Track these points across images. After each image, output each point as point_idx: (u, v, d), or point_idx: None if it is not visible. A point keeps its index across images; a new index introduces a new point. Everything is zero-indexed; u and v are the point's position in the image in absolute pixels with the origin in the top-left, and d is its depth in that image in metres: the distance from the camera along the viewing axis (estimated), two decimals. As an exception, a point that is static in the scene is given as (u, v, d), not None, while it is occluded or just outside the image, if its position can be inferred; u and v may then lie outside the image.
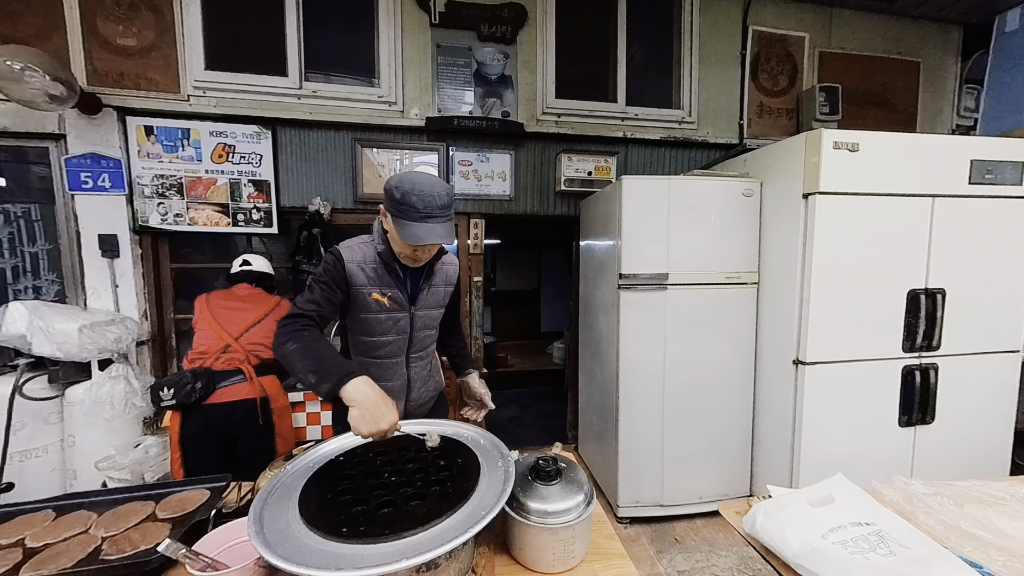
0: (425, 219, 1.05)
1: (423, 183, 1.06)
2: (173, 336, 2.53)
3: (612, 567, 0.87)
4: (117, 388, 2.01)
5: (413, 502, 0.81)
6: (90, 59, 2.20)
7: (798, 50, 3.03)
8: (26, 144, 2.22)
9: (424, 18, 2.52)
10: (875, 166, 1.87)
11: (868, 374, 1.96)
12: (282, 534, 0.74)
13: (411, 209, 1.05)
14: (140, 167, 2.30)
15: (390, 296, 1.20)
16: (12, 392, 1.89)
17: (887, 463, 1.99)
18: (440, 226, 1.08)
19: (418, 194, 1.04)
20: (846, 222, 1.88)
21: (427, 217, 1.05)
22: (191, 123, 2.33)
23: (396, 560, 0.65)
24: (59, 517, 0.96)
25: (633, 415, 2.20)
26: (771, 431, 2.16)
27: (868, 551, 0.78)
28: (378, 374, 1.27)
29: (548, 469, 0.91)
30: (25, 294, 2.28)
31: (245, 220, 2.42)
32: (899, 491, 1.01)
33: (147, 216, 2.32)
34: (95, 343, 1.99)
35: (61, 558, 0.82)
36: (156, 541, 0.86)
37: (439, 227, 1.07)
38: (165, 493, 1.05)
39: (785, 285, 2.03)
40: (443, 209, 1.07)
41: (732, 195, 2.16)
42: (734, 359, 2.23)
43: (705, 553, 2.04)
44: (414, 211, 1.05)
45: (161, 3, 2.24)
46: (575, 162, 2.72)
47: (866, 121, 3.15)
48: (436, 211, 1.06)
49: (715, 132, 2.95)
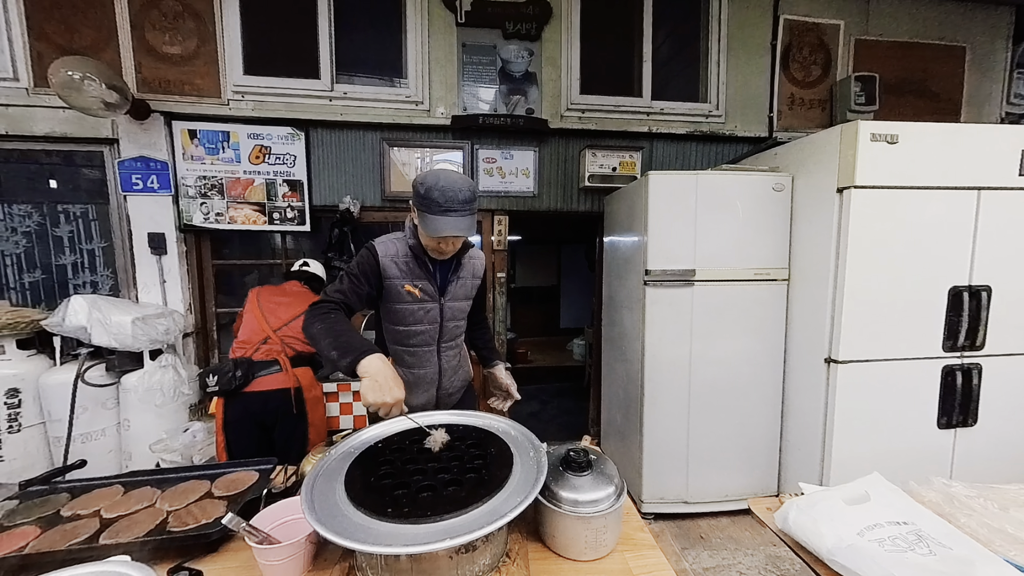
0: (446, 212, 1.11)
1: (446, 179, 1.12)
2: (215, 328, 2.68)
3: (642, 557, 0.89)
4: (167, 376, 2.15)
5: (451, 487, 0.85)
6: (140, 67, 2.34)
7: (832, 38, 2.92)
8: (84, 149, 2.39)
9: (450, 18, 2.55)
10: (916, 158, 1.80)
11: (905, 374, 1.89)
12: (331, 512, 0.79)
13: (433, 203, 1.11)
14: (185, 169, 2.43)
15: (421, 287, 1.27)
16: (76, 378, 2.05)
17: (924, 466, 1.93)
18: (461, 219, 1.13)
19: (440, 189, 1.10)
20: (883, 217, 1.82)
21: (448, 211, 1.11)
22: (230, 126, 2.45)
23: (439, 540, 0.69)
24: (128, 492, 1.05)
25: (658, 412, 2.20)
26: (800, 430, 2.12)
27: (906, 550, 0.77)
28: (412, 362, 1.34)
29: (580, 460, 0.94)
30: (84, 288, 2.46)
31: (280, 219, 2.53)
32: (938, 492, 0.99)
33: (191, 215, 2.46)
34: (146, 334, 2.13)
35: (134, 528, 0.90)
36: (214, 516, 0.93)
37: (460, 220, 1.13)
38: (219, 473, 1.13)
39: (817, 282, 1.98)
40: (464, 204, 1.12)
41: (761, 190, 2.12)
42: (762, 357, 2.20)
43: (731, 551, 2.03)
44: (436, 205, 1.11)
45: (203, 12, 2.36)
46: (599, 158, 2.72)
47: (905, 111, 3.00)
48: (457, 205, 1.11)
49: (743, 126, 2.88)
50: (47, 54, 2.23)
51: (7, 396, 2.05)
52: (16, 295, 2.42)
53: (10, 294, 2.41)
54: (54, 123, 2.29)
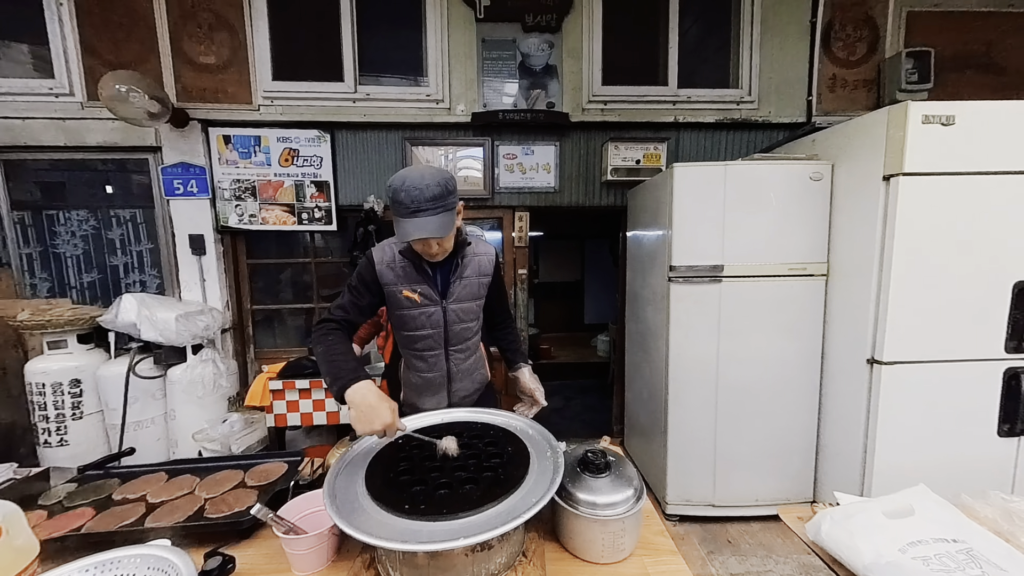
0: (414, 214, 1.03)
1: (412, 177, 1.04)
2: (250, 324, 2.82)
3: (662, 563, 0.86)
4: (207, 370, 2.28)
5: (467, 486, 0.85)
6: (179, 78, 2.47)
7: (881, 12, 2.70)
8: (131, 157, 2.56)
9: (470, 14, 2.54)
10: (975, 141, 1.64)
11: (960, 376, 1.75)
12: (351, 507, 0.81)
13: (400, 205, 1.03)
14: (220, 173, 2.56)
15: (420, 292, 1.22)
16: (128, 371, 2.22)
17: (980, 478, 1.77)
18: (429, 219, 1.04)
19: (406, 190, 1.02)
20: (936, 206, 1.67)
21: (415, 212, 1.03)
22: (261, 131, 2.55)
23: (454, 538, 0.70)
24: (170, 479, 1.13)
25: (683, 411, 2.13)
26: (839, 434, 2.00)
27: (955, 570, 0.71)
28: (420, 366, 1.31)
29: (597, 462, 0.92)
30: (133, 287, 2.65)
31: (309, 219, 2.62)
32: (996, 507, 0.91)
33: (227, 217, 2.59)
34: (189, 330, 2.27)
35: (176, 513, 0.96)
36: (246, 505, 0.98)
37: (429, 221, 1.04)
38: (252, 464, 1.18)
39: (859, 277, 1.85)
40: (433, 201, 1.03)
41: (797, 180, 2.00)
42: (797, 356, 2.08)
43: (761, 558, 1.95)
44: (403, 207, 1.03)
45: (235, 22, 2.46)
46: (622, 150, 2.64)
47: (963, 89, 2.74)
48: (425, 204, 1.02)
49: (778, 111, 2.72)
50: (97, 69, 2.39)
51: (71, 386, 2.24)
52: (76, 294, 2.64)
53: (71, 293, 2.63)
54: (104, 133, 2.46)
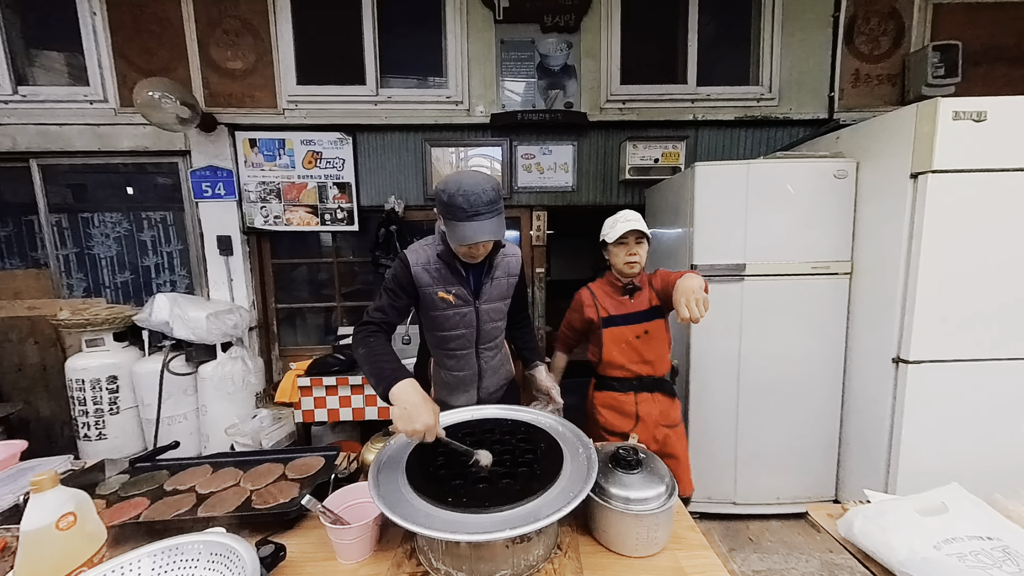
0: (472, 217, 1.07)
1: (468, 182, 1.08)
2: (275, 323, 2.89)
3: (694, 557, 0.89)
4: (236, 367, 2.36)
5: (504, 480, 0.89)
6: (206, 83, 2.54)
7: (906, 4, 2.64)
8: (162, 160, 2.65)
9: (488, 15, 2.56)
10: (1008, 137, 1.61)
11: (988, 375, 1.72)
12: (396, 499, 0.85)
13: (458, 210, 1.07)
14: (247, 175, 2.63)
15: (455, 293, 1.25)
16: (162, 367, 2.31)
17: (1013, 478, 1.74)
18: (488, 222, 1.09)
19: (463, 194, 1.06)
20: (964, 203, 1.65)
21: (474, 216, 1.07)
22: (286, 134, 2.61)
23: (498, 530, 0.73)
24: (215, 472, 1.18)
25: (703, 409, 2.14)
26: (863, 434, 1.98)
27: (991, 567, 0.72)
28: (452, 365, 1.36)
29: (629, 459, 0.94)
30: (165, 287, 2.74)
31: (331, 219, 2.68)
32: (1031, 507, 0.91)
33: (253, 218, 2.66)
34: (218, 328, 2.35)
35: (225, 504, 1.01)
36: (291, 496, 1.03)
37: (487, 223, 1.09)
38: (291, 457, 1.23)
39: (885, 276, 1.83)
40: (489, 205, 1.08)
41: (820, 177, 1.98)
42: (820, 355, 2.07)
43: (783, 556, 1.95)
44: (461, 211, 1.07)
45: (260, 28, 2.52)
46: (640, 149, 2.64)
47: (994, 83, 2.67)
48: (483, 208, 1.07)
49: (799, 108, 2.69)
50: (129, 76, 2.48)
51: (108, 382, 2.34)
52: (111, 293, 2.74)
53: (106, 292, 2.73)
54: (136, 138, 2.55)
